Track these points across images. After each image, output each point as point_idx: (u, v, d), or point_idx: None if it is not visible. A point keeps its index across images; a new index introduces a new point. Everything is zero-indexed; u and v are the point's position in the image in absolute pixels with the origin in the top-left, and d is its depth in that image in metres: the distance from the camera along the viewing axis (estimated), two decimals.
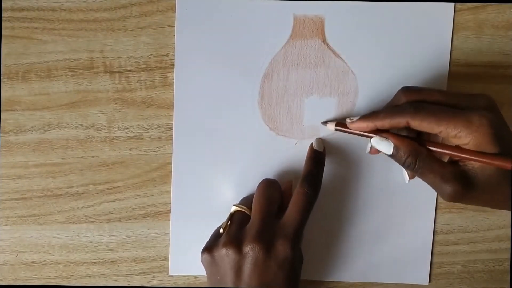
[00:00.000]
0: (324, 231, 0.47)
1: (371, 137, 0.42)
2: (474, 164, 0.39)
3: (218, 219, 0.45)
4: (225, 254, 0.42)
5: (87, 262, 0.48)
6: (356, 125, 0.41)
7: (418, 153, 0.40)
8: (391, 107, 0.41)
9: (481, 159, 0.38)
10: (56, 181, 0.47)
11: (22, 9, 0.45)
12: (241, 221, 0.43)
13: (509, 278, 0.48)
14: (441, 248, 0.48)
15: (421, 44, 0.45)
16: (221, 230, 0.43)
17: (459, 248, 0.48)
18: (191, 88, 0.46)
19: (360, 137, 0.42)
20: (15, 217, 0.47)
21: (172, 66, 0.46)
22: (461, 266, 0.48)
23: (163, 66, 0.46)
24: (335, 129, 0.44)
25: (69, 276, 0.48)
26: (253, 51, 0.46)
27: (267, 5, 0.45)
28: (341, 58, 0.46)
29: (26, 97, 0.46)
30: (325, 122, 0.45)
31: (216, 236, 0.43)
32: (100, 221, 0.47)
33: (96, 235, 0.47)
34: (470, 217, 0.48)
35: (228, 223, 0.43)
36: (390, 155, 0.40)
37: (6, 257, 0.48)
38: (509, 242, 0.48)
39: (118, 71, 0.46)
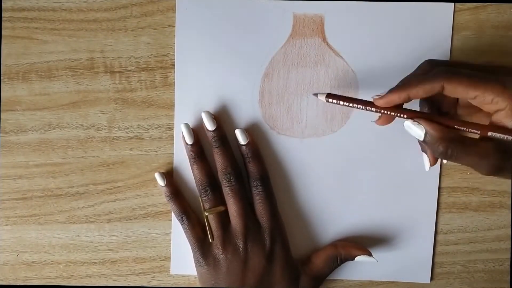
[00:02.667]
0: (324, 229, 0.47)
1: (376, 112, 0.40)
2: (508, 137, 0.37)
3: None
4: (224, 259, 0.44)
5: (88, 262, 0.48)
6: (386, 100, 0.39)
7: (450, 140, 0.37)
8: (421, 75, 0.39)
9: (506, 132, 0.37)
10: (56, 181, 0.47)
11: (22, 9, 0.46)
12: (222, 222, 0.45)
13: (509, 278, 0.48)
14: (441, 248, 0.48)
15: (421, 44, 0.46)
16: (210, 239, 0.45)
17: (459, 248, 0.48)
18: (191, 88, 0.46)
19: (359, 137, 0.42)
20: (16, 217, 0.47)
21: (173, 66, 0.46)
22: (461, 266, 0.48)
23: (164, 66, 0.46)
24: (327, 101, 0.41)
25: (69, 276, 0.48)
26: (253, 50, 0.46)
27: (267, 4, 0.45)
28: (341, 57, 0.46)
29: (27, 97, 0.46)
30: (315, 94, 0.43)
31: (202, 248, 0.45)
32: (101, 221, 0.47)
33: (97, 235, 0.47)
34: (470, 217, 0.48)
35: (211, 230, 0.45)
36: (422, 141, 0.39)
37: (6, 257, 0.47)
38: (509, 242, 0.48)
39: (119, 71, 0.46)
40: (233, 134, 0.45)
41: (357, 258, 0.45)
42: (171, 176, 0.47)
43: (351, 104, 0.40)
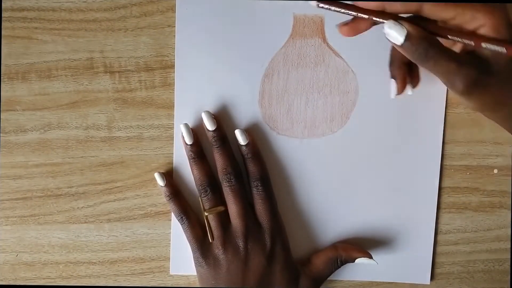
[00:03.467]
0: (324, 230, 0.47)
1: (356, 16, 0.38)
2: (488, 53, 0.37)
3: None
4: (225, 259, 0.44)
5: (87, 262, 0.48)
6: (364, 3, 0.37)
7: (430, 40, 0.36)
8: None
9: (498, 43, 0.36)
10: (56, 181, 0.47)
11: (22, 9, 0.46)
12: (222, 222, 0.45)
13: (509, 278, 0.48)
14: (441, 248, 0.48)
15: None
16: (210, 240, 0.45)
17: (459, 248, 0.48)
18: (191, 88, 0.46)
19: (359, 138, 0.42)
20: (15, 217, 0.47)
21: (172, 66, 0.46)
22: (461, 266, 0.48)
23: (163, 66, 0.46)
24: (318, 6, 0.38)
25: (69, 276, 0.48)
26: (253, 50, 0.46)
27: (267, 4, 0.45)
28: (341, 57, 0.46)
29: (26, 97, 0.46)
30: None
31: (202, 248, 0.45)
32: (100, 221, 0.47)
33: (96, 235, 0.47)
34: (470, 217, 0.48)
35: (211, 230, 0.45)
36: (399, 45, 0.37)
37: (6, 257, 0.47)
38: (509, 242, 0.48)
39: (118, 71, 0.46)
40: (233, 134, 0.45)
41: (357, 260, 0.45)
42: (170, 176, 0.47)
43: (342, 10, 0.38)
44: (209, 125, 0.45)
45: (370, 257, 0.45)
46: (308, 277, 0.45)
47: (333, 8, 0.38)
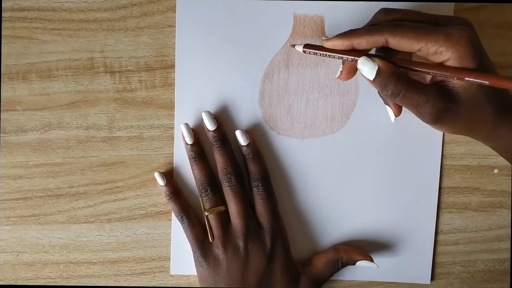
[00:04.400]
0: (324, 229, 0.47)
1: (342, 58, 0.40)
2: (455, 83, 0.38)
3: None
4: (225, 259, 0.44)
5: (88, 262, 0.48)
6: (331, 43, 0.40)
7: (399, 76, 0.38)
8: (369, 26, 0.40)
9: (462, 75, 0.37)
10: (56, 181, 0.47)
11: (22, 9, 0.46)
12: (222, 222, 0.45)
13: (509, 278, 0.48)
14: (441, 248, 0.48)
15: None
16: (210, 240, 0.45)
17: (459, 248, 0.48)
18: (191, 88, 0.46)
19: (359, 138, 0.42)
20: (16, 217, 0.47)
21: (173, 66, 0.46)
22: (461, 266, 0.48)
23: (164, 66, 0.46)
24: (303, 51, 0.42)
25: (69, 276, 0.48)
26: (253, 50, 0.46)
27: (267, 4, 0.45)
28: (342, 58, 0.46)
29: (27, 97, 0.46)
30: (293, 45, 0.43)
31: (202, 248, 0.45)
32: (101, 221, 0.47)
33: (97, 235, 0.47)
34: (470, 217, 0.48)
35: (212, 230, 0.45)
36: (371, 80, 0.39)
37: (6, 257, 0.47)
38: (509, 242, 0.48)
39: (119, 71, 0.46)
40: (234, 134, 0.45)
41: (358, 263, 0.45)
42: (171, 176, 0.47)
43: (327, 54, 0.40)
44: (210, 125, 0.45)
45: (371, 260, 0.45)
46: (308, 278, 0.45)
47: (318, 53, 0.41)
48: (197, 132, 0.46)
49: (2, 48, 0.46)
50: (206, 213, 0.44)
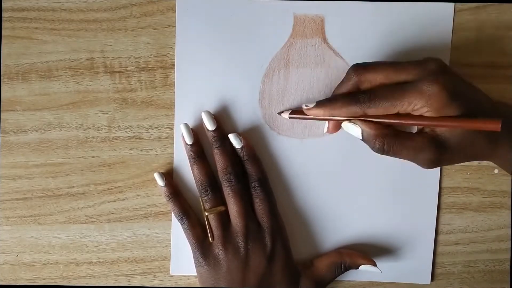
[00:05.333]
0: (324, 229, 0.47)
1: (326, 120, 0.43)
2: (441, 129, 0.39)
3: None
4: (225, 259, 0.44)
5: (88, 262, 0.48)
6: (313, 112, 0.42)
7: (384, 135, 0.40)
8: (346, 97, 0.41)
9: (443, 123, 0.39)
10: (56, 181, 0.47)
11: (22, 9, 0.46)
12: (222, 222, 0.45)
13: (509, 279, 0.48)
14: (441, 248, 0.48)
15: (421, 44, 0.46)
16: (210, 240, 0.45)
17: (459, 248, 0.48)
18: (191, 88, 0.46)
19: (360, 139, 0.42)
20: (16, 217, 0.47)
21: (173, 66, 0.46)
22: (462, 267, 0.48)
23: (164, 66, 0.46)
24: (289, 117, 0.44)
25: (69, 276, 0.48)
26: (254, 50, 0.46)
27: (267, 4, 0.45)
28: (342, 57, 0.46)
29: (27, 97, 0.46)
30: (280, 113, 0.45)
31: (202, 248, 0.45)
32: (101, 221, 0.47)
33: (97, 235, 0.47)
34: (470, 217, 0.48)
35: (212, 230, 0.45)
36: (361, 139, 0.41)
37: (6, 257, 0.47)
38: (509, 242, 0.48)
39: (119, 71, 0.46)
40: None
41: (361, 267, 0.45)
42: (170, 176, 0.47)
43: (310, 117, 0.43)
44: (209, 125, 0.45)
45: (374, 265, 0.45)
46: (309, 279, 0.45)
47: (303, 118, 0.43)
48: (197, 132, 0.46)
49: (2, 48, 0.46)
50: (206, 213, 0.44)
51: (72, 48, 0.46)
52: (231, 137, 0.45)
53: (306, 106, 0.42)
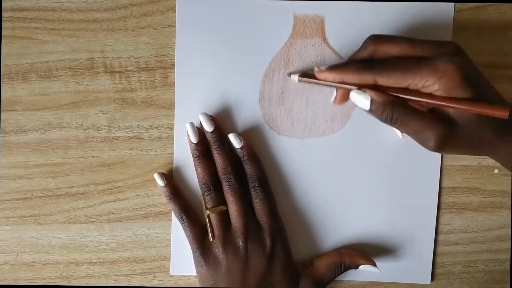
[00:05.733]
0: (324, 230, 0.47)
1: (335, 87, 0.42)
2: (449, 110, 0.39)
3: None
4: (225, 258, 0.44)
5: (88, 262, 0.48)
6: (323, 75, 0.41)
7: (394, 103, 0.39)
8: (359, 63, 0.41)
9: (452, 104, 0.38)
10: (56, 181, 0.47)
11: (22, 9, 0.46)
12: (223, 222, 0.45)
13: (509, 279, 0.48)
14: (441, 248, 0.48)
15: None
16: (210, 239, 0.45)
17: (460, 248, 0.48)
18: (191, 88, 0.46)
19: (359, 138, 0.42)
20: (16, 217, 0.47)
21: (173, 66, 0.46)
22: (462, 266, 0.48)
23: (164, 66, 0.46)
24: (299, 80, 0.44)
25: (69, 276, 0.48)
26: (254, 50, 0.46)
27: (267, 5, 0.45)
28: (342, 57, 0.46)
29: (26, 97, 0.46)
30: (289, 74, 0.45)
31: (202, 248, 0.45)
32: (101, 221, 0.47)
33: (97, 235, 0.47)
34: (470, 217, 0.48)
35: (213, 229, 0.45)
36: (367, 110, 0.40)
37: (6, 257, 0.47)
38: (509, 242, 0.48)
39: (119, 71, 0.46)
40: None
41: (361, 267, 0.45)
42: (170, 176, 0.47)
43: (321, 83, 0.42)
44: (207, 127, 0.45)
45: (374, 265, 0.45)
46: (309, 279, 0.45)
47: (312, 82, 0.43)
48: (201, 131, 0.46)
49: (2, 48, 0.46)
50: (208, 212, 0.44)
51: (72, 48, 0.46)
52: (231, 137, 0.45)
53: (318, 68, 0.42)
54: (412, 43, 0.40)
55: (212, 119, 0.45)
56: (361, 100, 0.40)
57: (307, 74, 0.43)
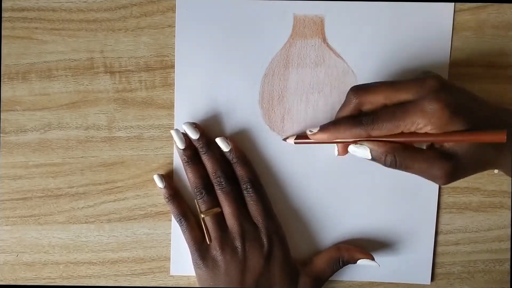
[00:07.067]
0: (324, 230, 0.47)
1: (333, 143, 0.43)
2: (449, 143, 0.40)
3: None
4: (223, 260, 0.44)
5: (88, 262, 0.48)
6: (318, 137, 0.42)
7: (394, 150, 0.40)
8: (349, 120, 0.41)
9: (449, 138, 0.39)
10: (56, 181, 0.47)
11: (22, 9, 0.46)
12: (219, 224, 0.45)
13: (509, 279, 0.48)
14: (441, 248, 0.48)
15: (421, 44, 0.46)
16: (207, 241, 0.45)
17: (460, 248, 0.48)
18: (191, 88, 0.46)
19: (369, 160, 0.42)
20: (16, 217, 0.47)
21: (173, 66, 0.46)
22: (462, 266, 0.48)
23: (164, 66, 0.46)
24: (295, 143, 0.45)
25: (69, 276, 0.48)
26: (253, 51, 0.46)
27: (267, 5, 0.45)
28: (341, 58, 0.46)
29: (27, 97, 0.46)
30: (285, 139, 0.46)
31: (200, 250, 0.45)
32: (101, 221, 0.47)
33: (97, 235, 0.47)
34: (470, 217, 0.48)
35: (208, 232, 0.45)
36: (371, 159, 0.41)
37: (6, 257, 0.47)
38: (509, 242, 0.48)
39: (119, 71, 0.46)
40: (235, 136, 0.45)
41: (359, 262, 0.45)
42: (169, 177, 0.47)
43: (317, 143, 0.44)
44: (192, 135, 0.45)
45: (372, 259, 0.45)
46: (308, 276, 0.45)
47: (309, 142, 0.44)
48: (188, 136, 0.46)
49: (2, 48, 0.46)
50: (202, 215, 0.44)
51: (72, 48, 0.46)
52: (218, 141, 0.45)
53: (311, 131, 0.43)
54: (395, 87, 0.40)
55: (196, 126, 0.45)
56: (361, 153, 0.41)
57: (302, 136, 0.45)
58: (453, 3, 0.45)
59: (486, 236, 0.48)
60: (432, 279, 0.48)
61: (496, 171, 0.47)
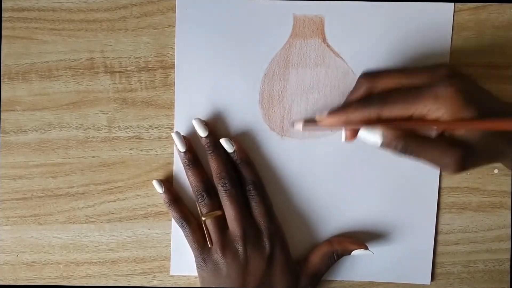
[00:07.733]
0: (324, 231, 0.47)
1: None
2: (459, 131, 0.39)
3: None
4: (224, 263, 0.44)
5: (88, 262, 0.48)
6: (327, 122, 0.41)
7: (405, 136, 0.39)
8: (359, 101, 0.40)
9: (460, 125, 0.38)
10: (56, 181, 0.47)
11: (22, 9, 0.46)
12: (220, 227, 0.45)
13: (509, 278, 0.48)
14: (441, 248, 0.48)
15: (421, 44, 0.46)
16: (209, 244, 0.45)
17: (459, 248, 0.48)
18: (191, 88, 0.46)
19: (359, 140, 0.42)
20: (16, 217, 0.47)
21: (173, 66, 0.46)
22: (461, 266, 0.48)
23: (164, 66, 0.46)
24: (303, 128, 0.44)
25: (69, 276, 0.48)
26: (253, 51, 0.46)
27: (267, 5, 0.45)
28: (341, 58, 0.46)
29: (27, 97, 0.46)
30: (292, 123, 0.45)
31: (203, 253, 0.45)
32: (101, 221, 0.47)
33: (97, 235, 0.47)
34: (470, 217, 0.48)
35: (210, 236, 0.45)
36: (380, 146, 0.40)
37: (6, 257, 0.47)
38: (509, 242, 0.48)
39: (119, 71, 0.46)
40: (235, 136, 0.45)
41: (353, 252, 0.45)
42: (169, 182, 0.47)
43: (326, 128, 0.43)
44: (201, 132, 0.45)
45: (366, 248, 0.45)
46: (306, 275, 0.45)
47: (318, 128, 0.44)
48: (189, 138, 0.46)
49: (2, 48, 0.46)
50: (203, 218, 0.44)
51: (72, 48, 0.46)
52: (223, 142, 0.45)
53: (319, 116, 0.42)
54: (407, 73, 0.40)
55: (206, 124, 0.45)
56: (371, 137, 0.40)
57: (310, 120, 0.44)
58: (453, 3, 0.45)
59: (486, 236, 0.48)
60: (432, 279, 0.48)
61: (496, 171, 0.47)
